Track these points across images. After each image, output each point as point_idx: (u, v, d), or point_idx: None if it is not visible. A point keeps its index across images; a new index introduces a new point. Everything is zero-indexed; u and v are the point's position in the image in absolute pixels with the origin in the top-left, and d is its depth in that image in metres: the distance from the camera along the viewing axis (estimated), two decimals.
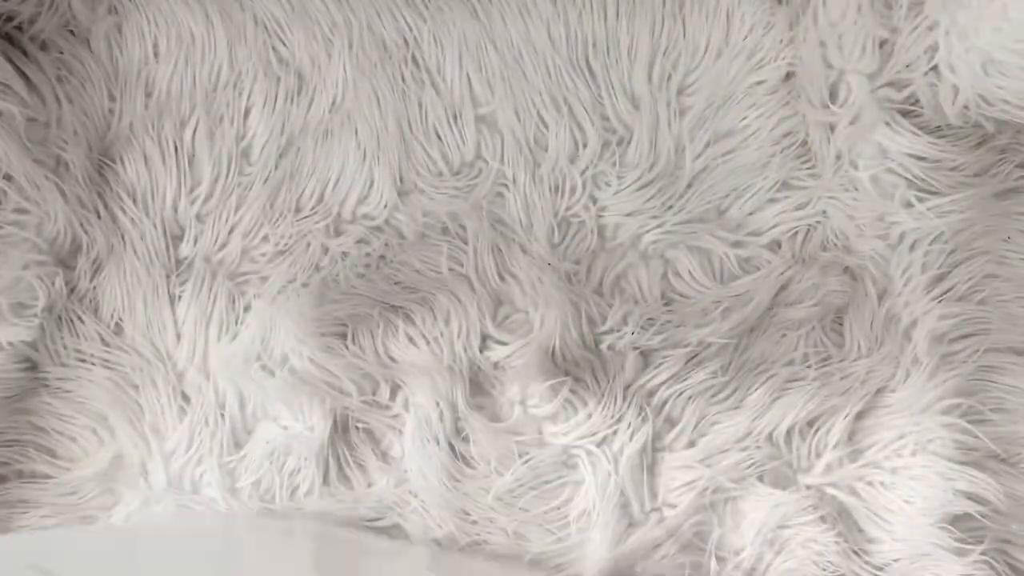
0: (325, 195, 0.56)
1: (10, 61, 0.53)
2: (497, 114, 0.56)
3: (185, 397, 0.55)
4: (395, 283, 0.55)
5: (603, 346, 0.55)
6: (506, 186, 0.56)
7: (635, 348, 0.55)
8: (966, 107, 0.54)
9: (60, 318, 0.54)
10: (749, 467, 0.55)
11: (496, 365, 0.54)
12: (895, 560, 0.55)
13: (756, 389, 0.55)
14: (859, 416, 0.55)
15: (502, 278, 0.55)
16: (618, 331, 0.55)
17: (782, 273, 0.56)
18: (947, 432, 0.55)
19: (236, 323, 0.55)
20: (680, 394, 0.55)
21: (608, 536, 0.54)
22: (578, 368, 0.55)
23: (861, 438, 0.55)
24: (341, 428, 0.54)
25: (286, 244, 0.55)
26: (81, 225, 0.54)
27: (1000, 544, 0.55)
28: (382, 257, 0.56)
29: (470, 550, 0.54)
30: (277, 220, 0.55)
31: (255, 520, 0.52)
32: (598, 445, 0.54)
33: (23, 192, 0.53)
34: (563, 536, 0.54)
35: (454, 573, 0.53)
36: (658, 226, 0.56)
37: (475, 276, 0.55)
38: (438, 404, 0.53)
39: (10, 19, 0.54)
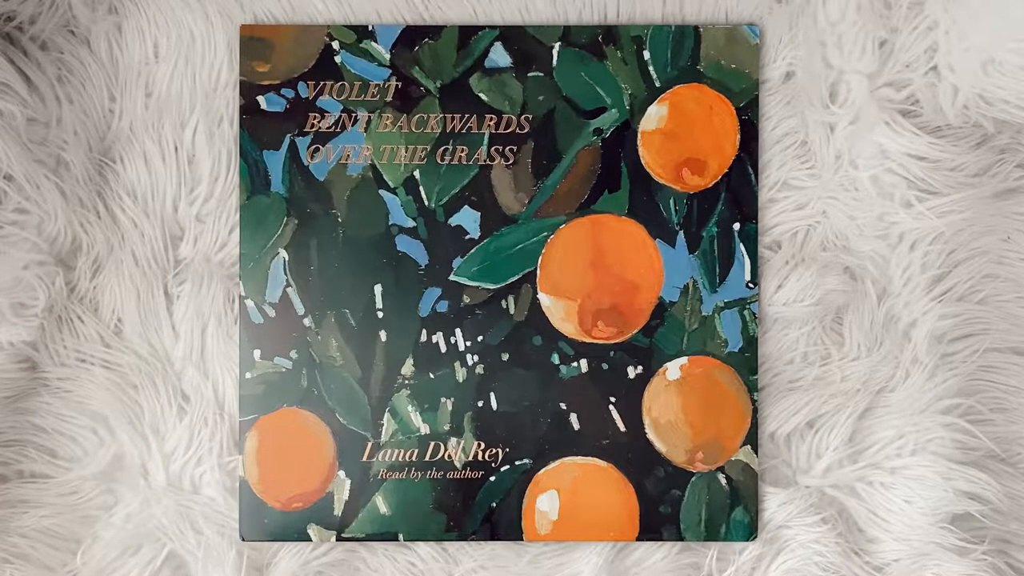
0: None
1: (10, 61, 0.53)
2: None
3: (185, 396, 0.55)
4: None
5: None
6: None
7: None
8: (966, 107, 0.54)
9: (60, 318, 0.54)
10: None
11: None
12: (895, 560, 0.55)
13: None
14: (859, 416, 0.55)
15: None
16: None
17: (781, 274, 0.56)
18: (947, 432, 0.55)
19: (234, 323, 0.55)
20: None
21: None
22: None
23: (861, 438, 0.55)
24: None
25: None
26: (81, 225, 0.55)
27: (1000, 544, 0.55)
28: None
29: None
30: None
31: None
32: None
33: (23, 192, 0.53)
34: None
35: None
36: None
37: None
38: None
39: (10, 19, 0.54)
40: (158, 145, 0.55)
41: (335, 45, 0.55)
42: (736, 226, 0.55)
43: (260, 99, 0.55)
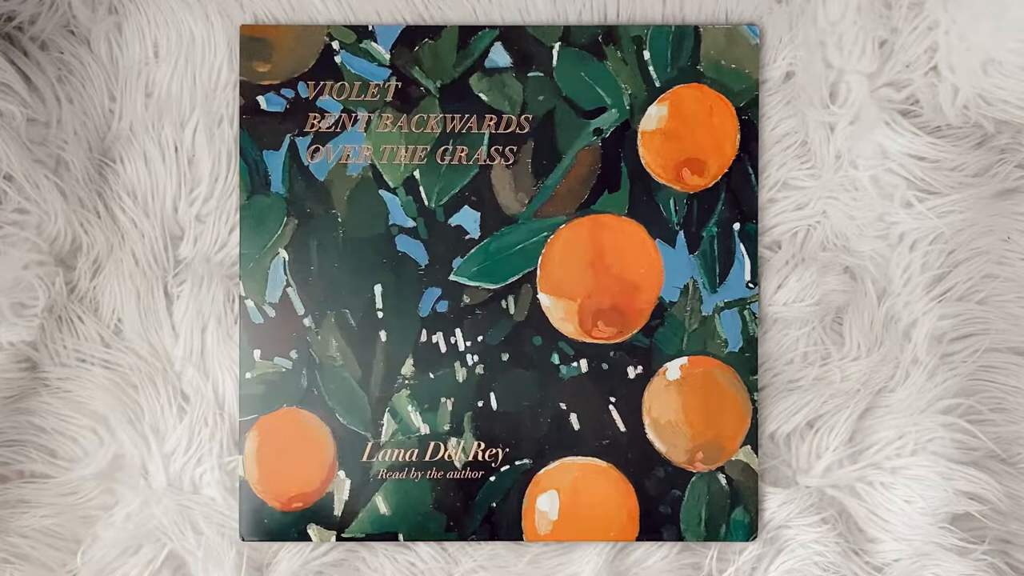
0: None
1: (10, 61, 0.53)
2: None
3: (185, 397, 0.55)
4: None
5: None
6: None
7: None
8: (966, 107, 0.54)
9: (60, 318, 0.54)
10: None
11: None
12: (895, 560, 0.55)
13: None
14: (859, 416, 0.55)
15: None
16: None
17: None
18: (947, 432, 0.55)
19: (234, 323, 0.55)
20: None
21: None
22: None
23: (861, 438, 0.55)
24: None
25: None
26: (81, 225, 0.55)
27: (1000, 544, 0.55)
28: None
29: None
30: None
31: None
32: None
33: (23, 192, 0.53)
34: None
35: None
36: None
37: None
38: None
39: (10, 19, 0.54)
40: (158, 145, 0.55)
41: (335, 45, 0.55)
42: (736, 226, 0.55)
43: (260, 99, 0.55)
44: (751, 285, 0.55)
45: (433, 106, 0.55)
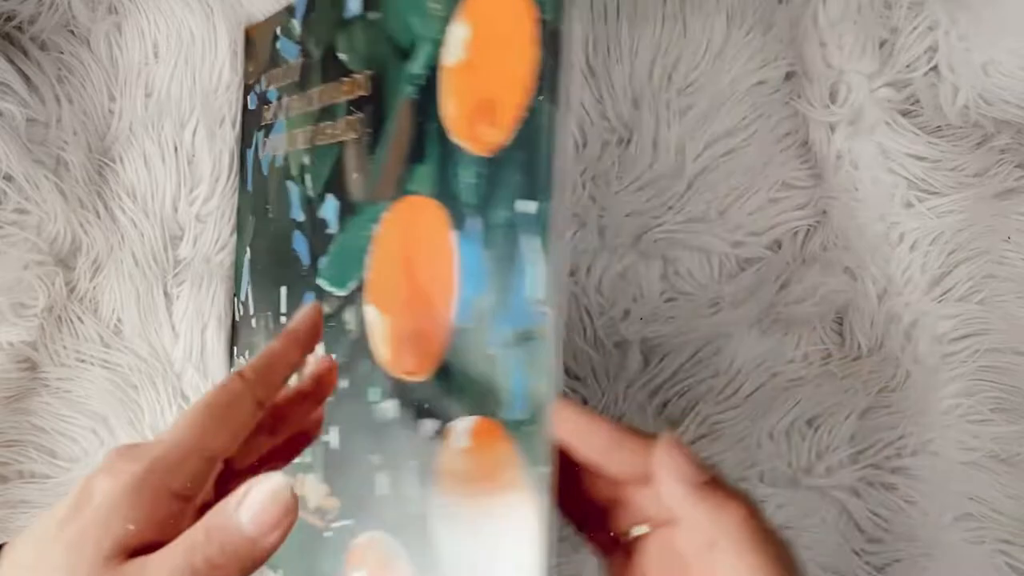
0: None
1: (10, 61, 0.53)
2: None
3: (184, 397, 0.55)
4: None
5: (605, 343, 0.55)
6: None
7: (637, 346, 0.55)
8: (966, 107, 0.54)
9: (60, 318, 0.54)
10: (750, 467, 0.55)
11: None
12: (896, 560, 0.55)
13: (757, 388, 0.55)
14: (859, 416, 0.55)
15: None
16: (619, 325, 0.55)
17: (781, 274, 0.56)
18: (947, 432, 0.55)
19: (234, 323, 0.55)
20: (681, 395, 0.55)
21: None
22: (576, 365, 0.55)
23: (861, 438, 0.55)
24: None
25: None
26: (81, 225, 0.55)
27: (1000, 544, 0.55)
28: None
29: None
30: None
31: None
32: None
33: (23, 192, 0.53)
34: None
35: None
36: (658, 226, 0.56)
37: None
38: None
39: (10, 19, 0.54)
40: (158, 145, 0.55)
41: (278, 31, 0.51)
42: (519, 205, 0.32)
43: (248, 99, 0.54)
44: (541, 307, 0.32)
45: (316, 79, 0.45)
